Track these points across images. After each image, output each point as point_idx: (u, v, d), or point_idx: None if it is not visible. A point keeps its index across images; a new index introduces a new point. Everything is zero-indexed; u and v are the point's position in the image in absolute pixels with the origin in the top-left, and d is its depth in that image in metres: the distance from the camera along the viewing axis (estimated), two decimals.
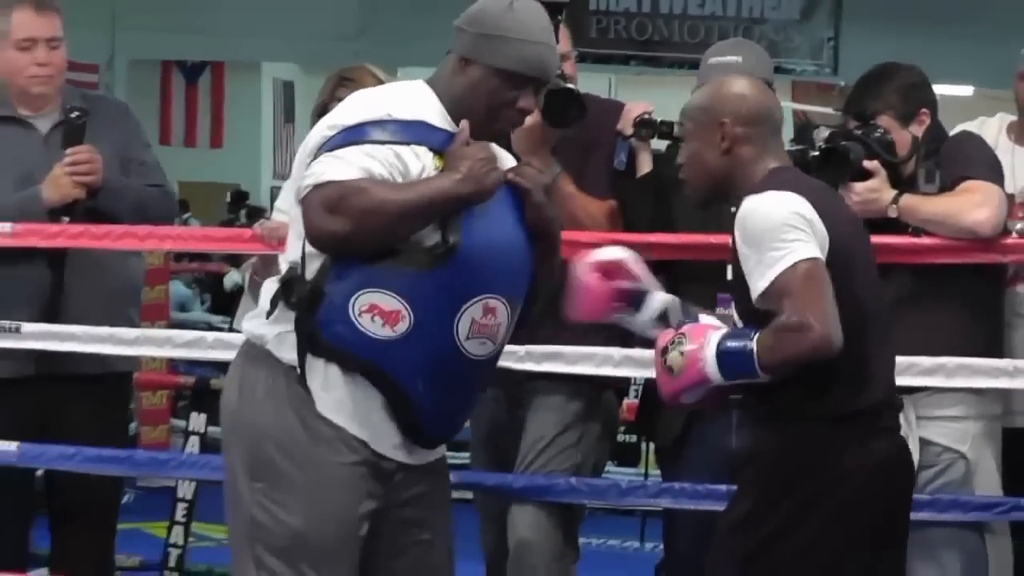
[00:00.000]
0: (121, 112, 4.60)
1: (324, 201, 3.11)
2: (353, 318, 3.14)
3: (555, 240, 3.37)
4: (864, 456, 3.24)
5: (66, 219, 4.25)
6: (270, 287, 3.28)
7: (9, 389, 4.31)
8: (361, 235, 3.11)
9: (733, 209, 3.27)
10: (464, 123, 3.23)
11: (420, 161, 3.19)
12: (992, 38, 7.74)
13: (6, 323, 4.17)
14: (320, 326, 3.17)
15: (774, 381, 3.17)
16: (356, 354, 3.17)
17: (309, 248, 3.19)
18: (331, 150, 3.16)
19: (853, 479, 3.22)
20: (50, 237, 4.19)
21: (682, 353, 3.22)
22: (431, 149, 3.21)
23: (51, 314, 4.25)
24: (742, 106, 3.31)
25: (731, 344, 3.18)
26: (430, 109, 3.25)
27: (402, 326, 3.14)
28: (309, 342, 3.19)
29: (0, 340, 4.19)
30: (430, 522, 3.34)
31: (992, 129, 4.10)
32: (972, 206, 3.73)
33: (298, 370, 3.20)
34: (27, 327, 4.17)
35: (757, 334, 3.15)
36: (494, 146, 3.28)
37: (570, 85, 3.79)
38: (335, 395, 3.20)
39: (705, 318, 3.35)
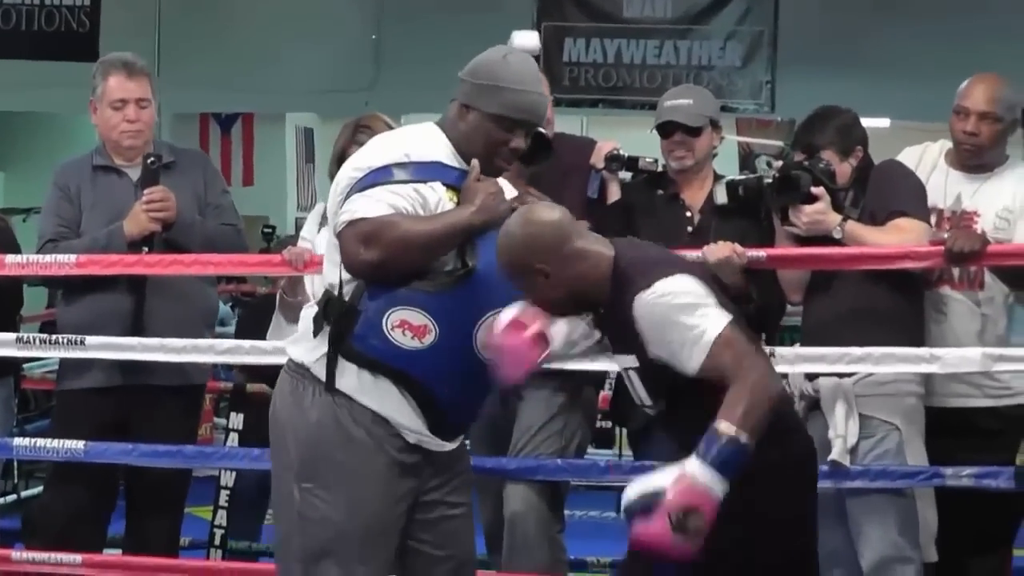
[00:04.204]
0: (201, 161, 4.57)
1: (359, 235, 3.07)
2: (386, 332, 3.11)
3: None
4: (806, 437, 3.21)
5: (145, 250, 4.19)
6: (309, 312, 3.24)
7: (99, 396, 4.28)
8: (392, 263, 3.07)
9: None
10: (475, 162, 3.18)
11: (436, 194, 3.14)
12: (904, 78, 7.79)
13: (71, 336, 4.13)
14: (356, 340, 3.13)
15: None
16: (389, 363, 3.13)
17: (345, 275, 3.15)
18: (361, 190, 3.10)
19: (808, 455, 3.17)
20: (109, 266, 4.13)
21: (700, 517, 2.77)
22: (445, 184, 3.16)
23: (134, 334, 4.19)
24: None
25: (717, 454, 2.79)
26: (441, 149, 3.20)
27: (429, 338, 3.11)
28: (346, 354, 3.14)
29: (67, 352, 4.16)
30: (454, 499, 3.30)
31: (933, 152, 4.14)
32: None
33: (335, 382, 3.15)
34: (90, 340, 4.12)
35: (717, 425, 2.81)
36: (500, 180, 3.25)
37: (540, 130, 3.74)
38: (369, 397, 3.16)
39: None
